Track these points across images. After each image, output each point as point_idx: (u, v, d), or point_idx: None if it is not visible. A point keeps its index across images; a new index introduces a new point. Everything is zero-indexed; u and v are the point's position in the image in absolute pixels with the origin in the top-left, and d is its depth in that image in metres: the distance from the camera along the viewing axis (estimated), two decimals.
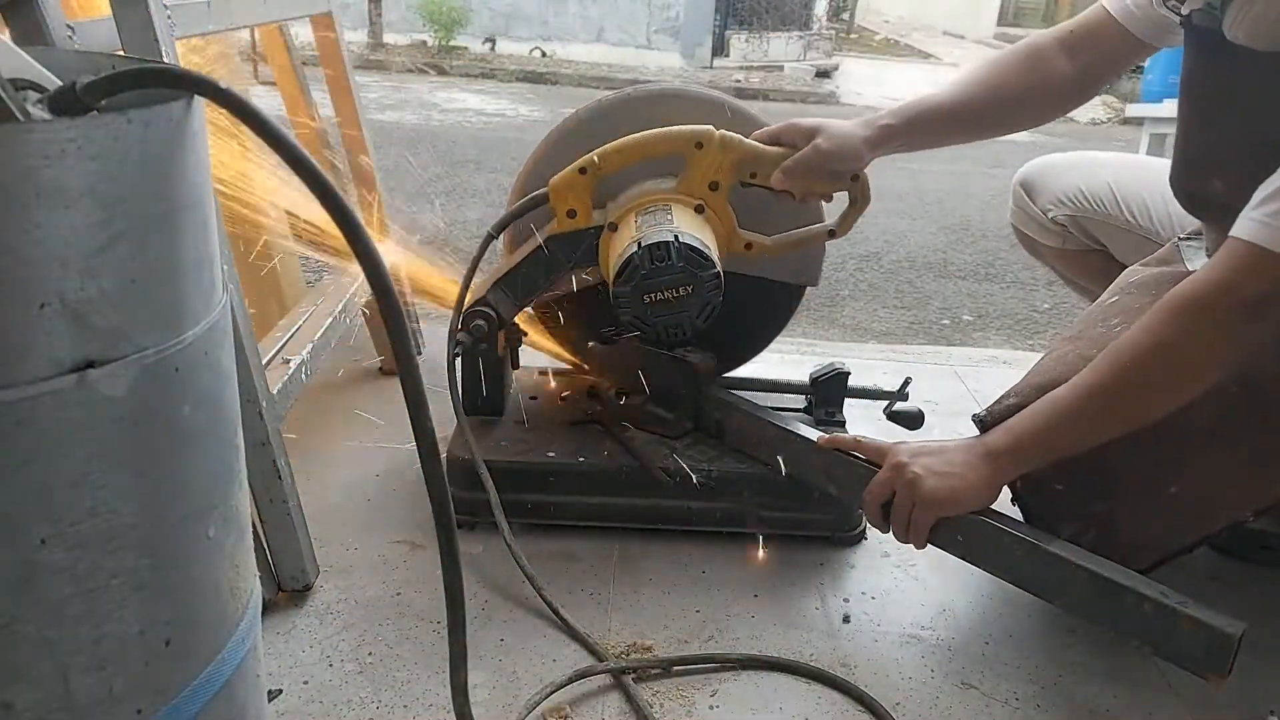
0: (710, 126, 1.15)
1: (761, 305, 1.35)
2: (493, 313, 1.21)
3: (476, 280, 1.24)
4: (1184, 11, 1.05)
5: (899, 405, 1.44)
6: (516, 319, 1.26)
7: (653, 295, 1.10)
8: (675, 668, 0.99)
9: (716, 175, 1.16)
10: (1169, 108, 4.09)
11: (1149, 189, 1.35)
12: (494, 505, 1.14)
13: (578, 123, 1.26)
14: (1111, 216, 1.38)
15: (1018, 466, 1.00)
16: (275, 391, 1.07)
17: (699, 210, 1.17)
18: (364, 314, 1.54)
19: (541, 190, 1.19)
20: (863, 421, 1.37)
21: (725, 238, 1.19)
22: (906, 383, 1.33)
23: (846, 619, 1.08)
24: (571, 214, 1.18)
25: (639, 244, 1.09)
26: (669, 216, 1.13)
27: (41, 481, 0.43)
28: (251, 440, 0.98)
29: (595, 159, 1.15)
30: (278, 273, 1.69)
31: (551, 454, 1.20)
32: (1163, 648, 0.92)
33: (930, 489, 0.98)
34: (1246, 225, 0.91)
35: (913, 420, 1.47)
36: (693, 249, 1.08)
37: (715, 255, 1.12)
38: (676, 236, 1.08)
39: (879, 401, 1.33)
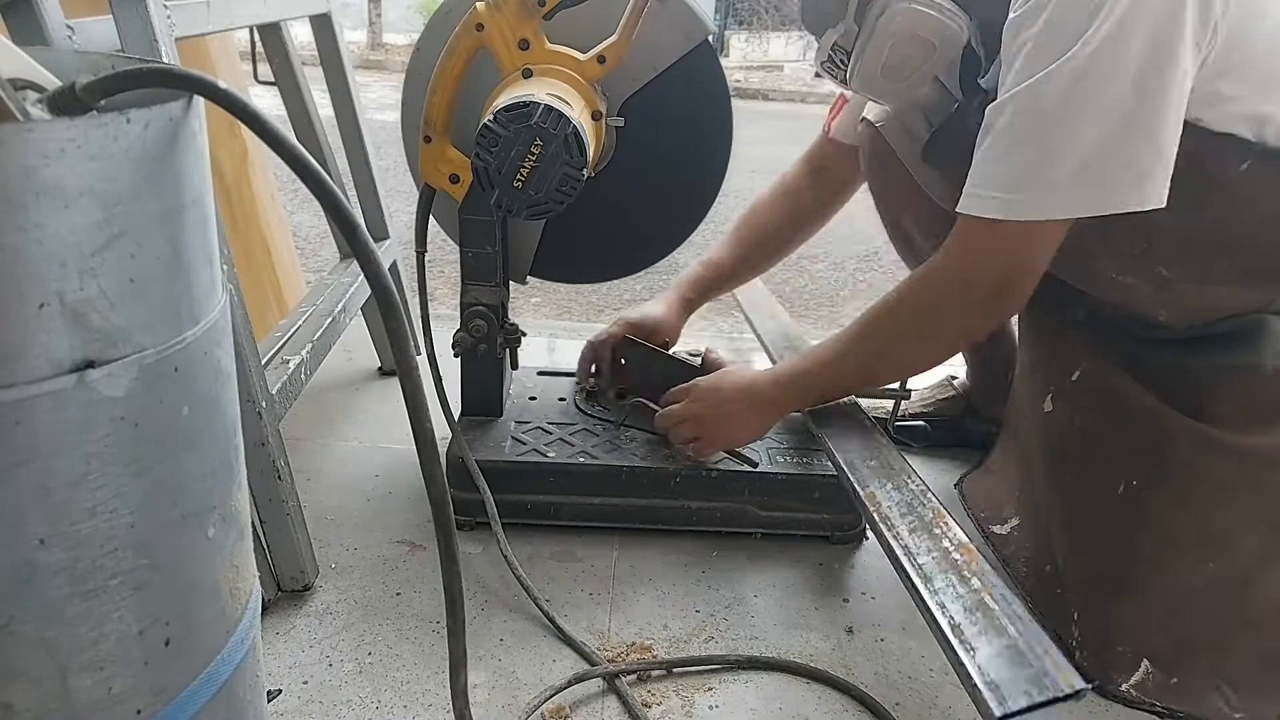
0: (475, 4, 1.08)
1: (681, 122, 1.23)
2: (483, 306, 1.21)
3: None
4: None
5: (902, 421, 1.44)
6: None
7: (521, 169, 1.01)
8: (675, 669, 0.99)
9: (515, 34, 1.09)
10: None
11: None
12: (491, 515, 1.15)
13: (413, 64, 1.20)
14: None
15: (783, 410, 1.18)
16: (275, 391, 1.07)
17: (527, 75, 1.10)
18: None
19: (424, 187, 1.17)
20: None
21: (578, 77, 1.11)
22: None
23: (850, 630, 1.07)
24: (454, 179, 1.15)
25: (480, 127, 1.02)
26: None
27: (41, 481, 0.43)
28: (251, 440, 0.98)
29: (427, 122, 1.11)
30: (278, 273, 1.69)
31: (551, 454, 1.20)
32: None
33: (710, 431, 1.17)
34: (975, 202, 0.94)
35: (917, 436, 1.47)
36: (517, 101, 1.00)
37: (570, 101, 1.05)
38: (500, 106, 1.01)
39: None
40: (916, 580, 0.83)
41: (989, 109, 0.93)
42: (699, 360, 1.31)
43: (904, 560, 0.86)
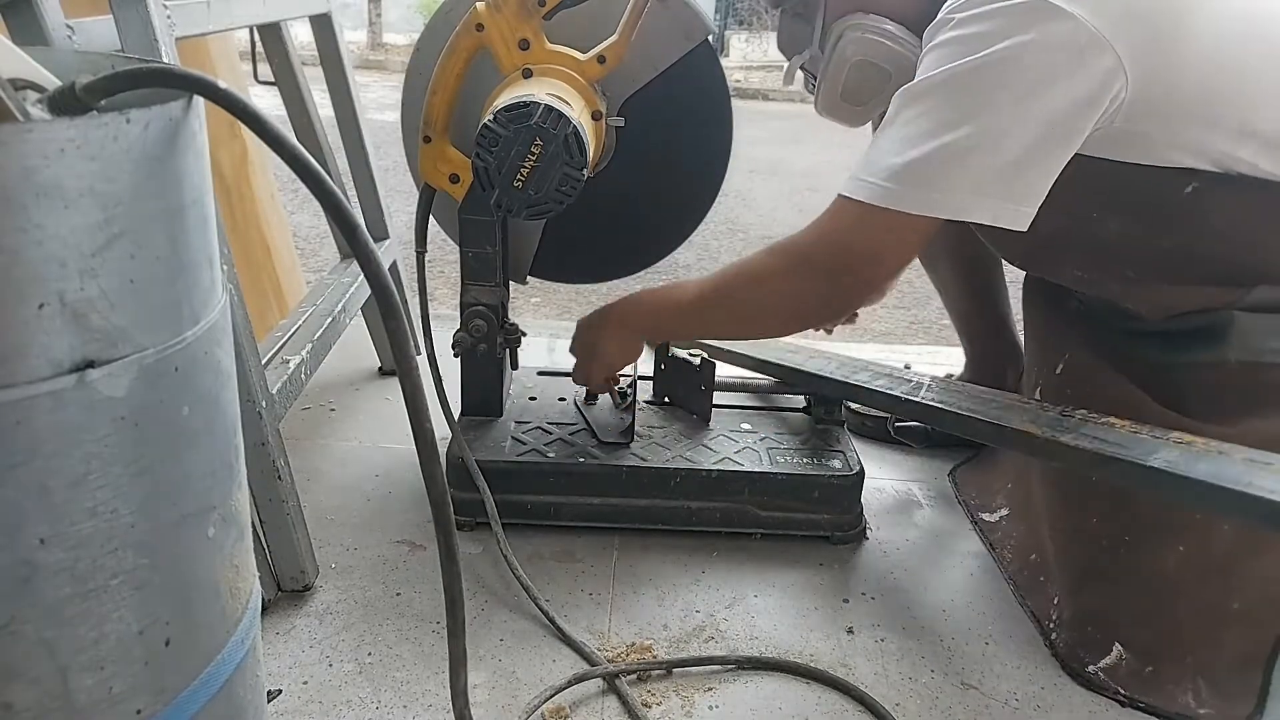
0: (475, 4, 1.08)
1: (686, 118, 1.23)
2: (483, 306, 1.21)
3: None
4: None
5: (902, 421, 1.44)
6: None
7: (521, 169, 1.01)
8: (675, 669, 0.99)
9: (515, 34, 1.09)
10: None
11: None
12: (491, 515, 1.15)
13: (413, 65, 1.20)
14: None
15: (640, 334, 1.21)
16: (275, 391, 1.07)
17: (527, 75, 1.10)
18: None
19: (424, 187, 1.17)
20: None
21: (578, 77, 1.10)
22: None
23: (850, 630, 1.07)
24: (454, 179, 1.15)
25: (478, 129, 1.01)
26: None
27: (41, 481, 0.43)
28: (251, 440, 0.98)
29: (427, 122, 1.11)
30: (278, 273, 1.69)
31: (551, 454, 1.20)
32: None
33: (586, 359, 1.23)
34: (849, 182, 0.96)
35: (917, 436, 1.47)
36: (517, 101, 0.99)
37: (570, 101, 1.04)
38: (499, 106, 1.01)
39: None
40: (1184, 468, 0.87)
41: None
42: (698, 360, 1.31)
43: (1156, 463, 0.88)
